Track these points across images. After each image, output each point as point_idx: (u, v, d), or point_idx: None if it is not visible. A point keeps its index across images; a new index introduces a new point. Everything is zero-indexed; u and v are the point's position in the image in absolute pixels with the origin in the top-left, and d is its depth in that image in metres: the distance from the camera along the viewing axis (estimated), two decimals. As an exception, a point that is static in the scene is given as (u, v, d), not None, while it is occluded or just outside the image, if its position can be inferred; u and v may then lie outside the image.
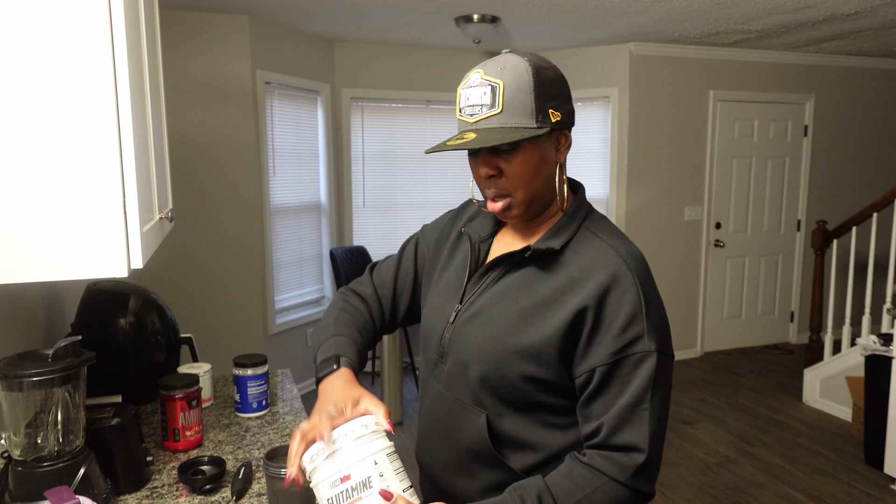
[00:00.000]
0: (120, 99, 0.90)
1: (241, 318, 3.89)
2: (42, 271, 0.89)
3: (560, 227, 0.99)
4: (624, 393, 0.89)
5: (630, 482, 0.89)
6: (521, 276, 0.98)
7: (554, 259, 0.97)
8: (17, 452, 1.06)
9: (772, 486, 3.05)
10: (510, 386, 0.95)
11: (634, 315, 0.90)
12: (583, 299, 0.91)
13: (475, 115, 0.92)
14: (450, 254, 1.13)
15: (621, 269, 0.92)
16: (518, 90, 0.91)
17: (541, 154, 0.94)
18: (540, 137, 0.93)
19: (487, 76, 0.92)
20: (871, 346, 3.16)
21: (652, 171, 4.78)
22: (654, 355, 0.90)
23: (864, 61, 5.20)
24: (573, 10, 3.66)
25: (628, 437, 0.89)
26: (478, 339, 0.98)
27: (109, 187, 0.90)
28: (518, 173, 0.94)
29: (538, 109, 0.91)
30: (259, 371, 1.61)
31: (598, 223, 1.01)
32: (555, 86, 0.94)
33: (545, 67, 0.94)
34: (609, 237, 0.98)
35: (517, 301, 0.96)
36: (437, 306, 1.08)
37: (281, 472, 1.06)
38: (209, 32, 3.65)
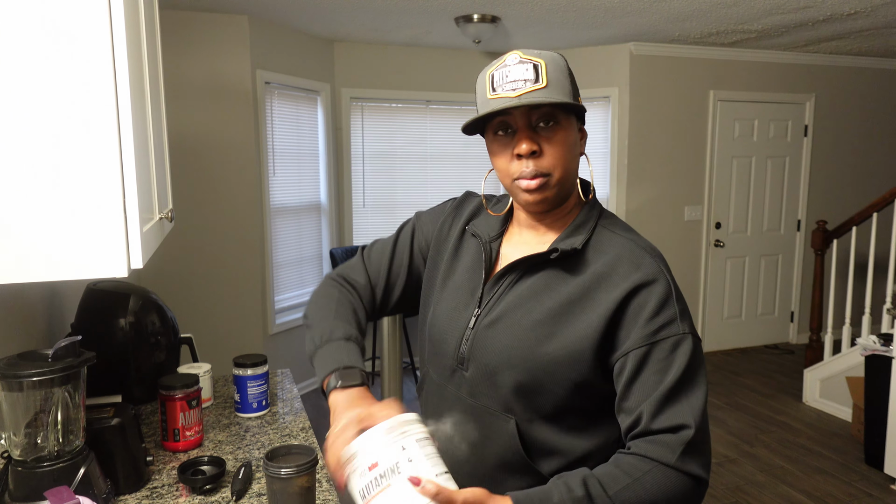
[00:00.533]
0: (120, 99, 0.90)
1: (241, 318, 3.89)
2: (42, 271, 0.89)
3: (578, 225, 0.99)
4: (665, 378, 0.87)
5: (680, 464, 0.84)
6: (543, 277, 0.97)
7: (576, 258, 0.96)
8: (17, 452, 1.06)
9: (772, 486, 3.05)
10: (551, 393, 0.93)
11: (665, 300, 0.90)
12: (615, 294, 0.90)
13: (518, 89, 0.90)
14: (455, 252, 1.10)
15: (645, 260, 0.93)
16: (558, 70, 0.92)
17: (574, 137, 0.96)
18: (573, 120, 0.96)
19: (527, 55, 0.92)
20: (871, 346, 3.16)
21: (652, 171, 4.78)
22: (690, 337, 0.89)
23: (864, 61, 5.20)
24: (573, 10, 3.66)
25: (673, 417, 0.85)
26: (505, 345, 0.95)
27: (109, 187, 0.90)
28: (558, 152, 0.93)
29: (574, 94, 0.94)
30: (259, 371, 1.61)
31: (611, 220, 1.02)
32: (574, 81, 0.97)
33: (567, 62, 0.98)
34: (626, 233, 0.99)
35: (542, 303, 0.95)
36: (451, 310, 1.04)
37: (281, 472, 1.06)
38: (209, 32, 3.65)
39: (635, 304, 0.90)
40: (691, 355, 0.88)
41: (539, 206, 0.97)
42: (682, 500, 0.85)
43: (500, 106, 0.90)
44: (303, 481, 1.08)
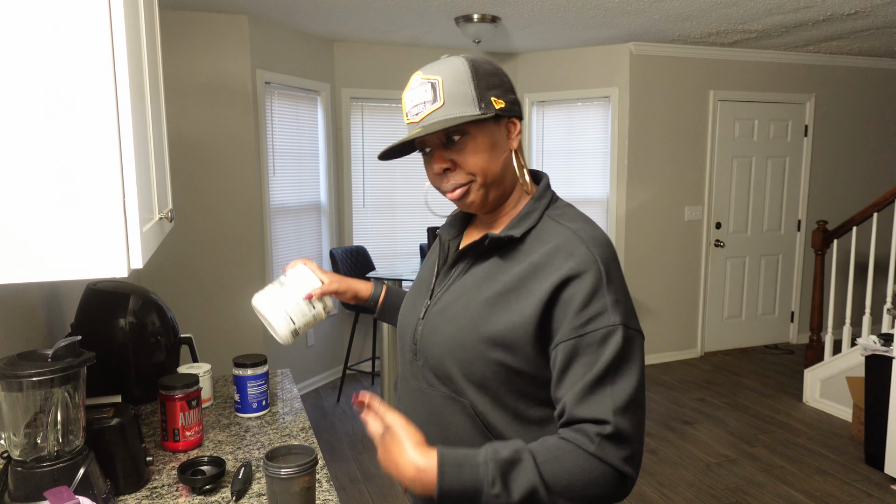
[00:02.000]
0: (120, 99, 0.90)
1: (241, 318, 3.89)
2: (42, 271, 0.89)
3: (522, 216, 1.01)
4: (590, 370, 0.88)
5: (600, 453, 0.85)
6: (486, 266, 1.00)
7: (516, 248, 0.99)
8: (17, 452, 1.06)
9: (772, 486, 3.05)
10: (482, 375, 0.96)
11: (596, 291, 0.90)
12: (546, 285, 0.92)
13: (420, 112, 0.96)
14: (428, 257, 1.18)
15: (581, 251, 0.93)
16: (457, 82, 0.95)
17: (490, 140, 0.97)
18: (486, 123, 0.96)
19: (426, 75, 0.97)
20: (872, 346, 3.16)
21: (652, 171, 4.78)
22: (620, 328, 0.89)
23: (864, 61, 5.20)
24: (573, 10, 3.66)
25: (593, 409, 0.87)
26: (447, 332, 0.99)
27: (109, 187, 0.90)
28: (471, 162, 0.97)
29: (480, 97, 0.95)
30: (259, 371, 1.61)
31: (560, 210, 1.02)
32: (494, 77, 0.98)
33: (483, 61, 0.99)
34: (571, 222, 0.98)
35: (481, 291, 0.98)
36: (409, 305, 1.11)
37: (281, 472, 1.06)
38: (209, 32, 3.65)
39: (566, 295, 0.91)
40: (620, 347, 0.88)
41: (475, 209, 1.02)
42: (603, 487, 0.86)
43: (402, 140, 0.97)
44: (303, 481, 1.08)
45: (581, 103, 4.85)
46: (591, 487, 0.86)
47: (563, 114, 4.92)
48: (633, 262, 4.81)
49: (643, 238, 4.82)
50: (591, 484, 0.86)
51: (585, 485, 0.85)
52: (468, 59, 0.97)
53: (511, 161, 1.00)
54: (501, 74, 0.99)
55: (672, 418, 3.87)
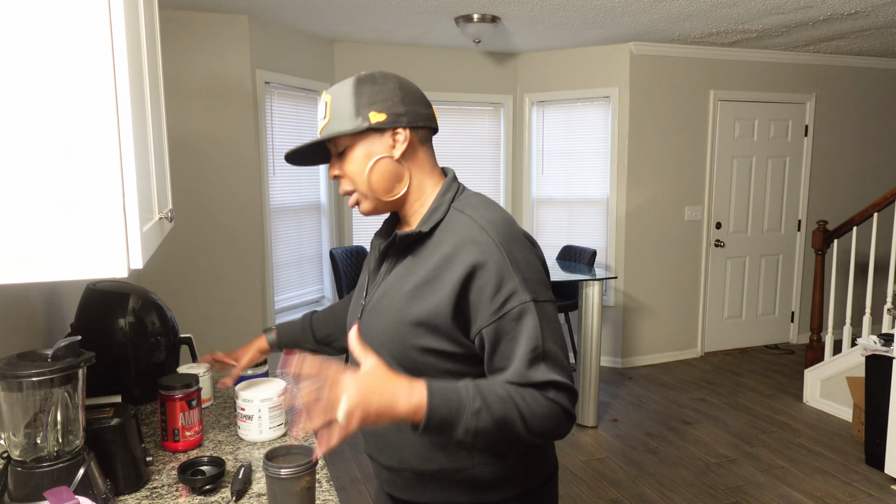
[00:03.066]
0: (120, 99, 0.90)
1: (241, 318, 3.89)
2: (42, 271, 0.89)
3: (431, 211, 1.10)
4: (518, 344, 0.99)
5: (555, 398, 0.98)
6: (406, 263, 1.10)
7: (427, 243, 1.08)
8: (17, 453, 1.06)
9: (772, 486, 3.05)
10: (414, 361, 1.04)
11: (503, 275, 1.00)
12: (459, 274, 1.01)
13: (318, 127, 1.11)
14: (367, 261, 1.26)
15: (482, 238, 1.02)
16: (340, 99, 1.08)
17: (366, 151, 1.08)
18: (366, 136, 1.07)
19: (326, 94, 1.11)
20: (872, 347, 3.16)
21: (652, 171, 4.78)
22: (532, 304, 1.00)
23: (864, 61, 5.20)
24: (573, 10, 3.66)
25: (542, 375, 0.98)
26: (378, 328, 1.09)
27: (109, 187, 0.90)
28: (350, 171, 1.09)
29: (356, 113, 1.06)
30: (259, 371, 1.61)
31: (465, 201, 1.11)
32: (378, 92, 1.07)
33: (371, 80, 1.08)
34: (472, 210, 1.08)
35: (403, 286, 1.07)
36: (353, 307, 1.22)
37: (281, 472, 1.06)
38: (209, 32, 3.65)
39: (477, 284, 1.00)
40: (538, 319, 1.00)
41: (372, 214, 1.13)
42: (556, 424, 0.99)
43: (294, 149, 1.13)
44: (303, 481, 1.08)
45: (581, 103, 4.85)
46: (549, 422, 0.98)
47: (562, 114, 4.92)
48: (633, 262, 4.81)
49: (643, 238, 4.82)
50: (547, 419, 0.98)
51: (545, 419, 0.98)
52: (356, 80, 1.08)
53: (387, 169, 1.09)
54: (390, 88, 1.08)
55: (672, 418, 3.87)
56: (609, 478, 3.14)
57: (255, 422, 1.45)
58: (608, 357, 4.95)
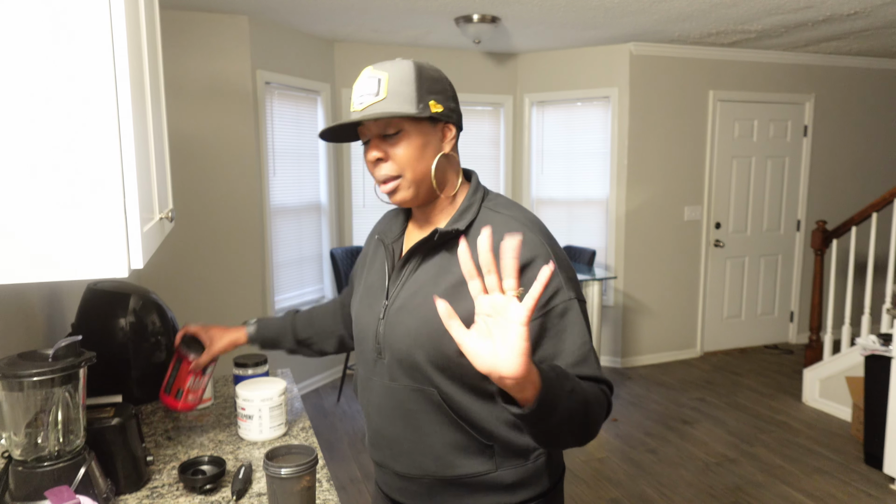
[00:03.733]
0: (120, 99, 0.90)
1: (241, 319, 3.89)
2: (42, 271, 0.89)
3: (463, 210, 1.08)
4: (564, 340, 0.99)
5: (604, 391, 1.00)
6: (436, 261, 1.06)
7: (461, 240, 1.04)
8: (18, 452, 1.07)
9: (772, 486, 3.05)
10: (451, 361, 1.01)
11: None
12: None
13: (363, 103, 1.03)
14: (370, 263, 1.22)
15: (528, 235, 1.02)
16: (401, 81, 1.02)
17: (423, 139, 1.04)
18: (421, 124, 1.03)
19: (375, 70, 1.04)
20: (871, 346, 3.16)
21: (652, 171, 4.78)
22: (576, 302, 1.01)
23: (864, 61, 5.21)
24: (573, 10, 3.66)
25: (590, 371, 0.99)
26: (412, 327, 1.04)
27: (109, 187, 0.90)
28: (402, 156, 1.03)
29: (419, 99, 1.02)
30: (259, 371, 1.61)
31: (494, 201, 1.11)
32: (437, 83, 1.05)
33: (429, 68, 1.06)
34: (507, 210, 1.08)
35: (437, 284, 1.04)
36: (366, 308, 1.15)
37: (281, 472, 1.06)
38: (209, 32, 3.65)
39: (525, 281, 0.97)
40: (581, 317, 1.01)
41: (404, 203, 1.08)
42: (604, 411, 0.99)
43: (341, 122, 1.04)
44: (303, 481, 1.08)
45: (581, 103, 4.85)
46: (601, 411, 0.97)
47: (562, 114, 4.92)
48: (632, 262, 4.82)
49: (643, 238, 4.82)
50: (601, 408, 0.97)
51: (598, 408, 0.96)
52: (415, 63, 1.04)
53: (442, 163, 1.07)
54: (445, 83, 1.06)
55: (672, 418, 3.88)
56: (609, 477, 3.15)
57: (256, 421, 1.45)
58: (608, 357, 4.96)
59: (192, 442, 1.47)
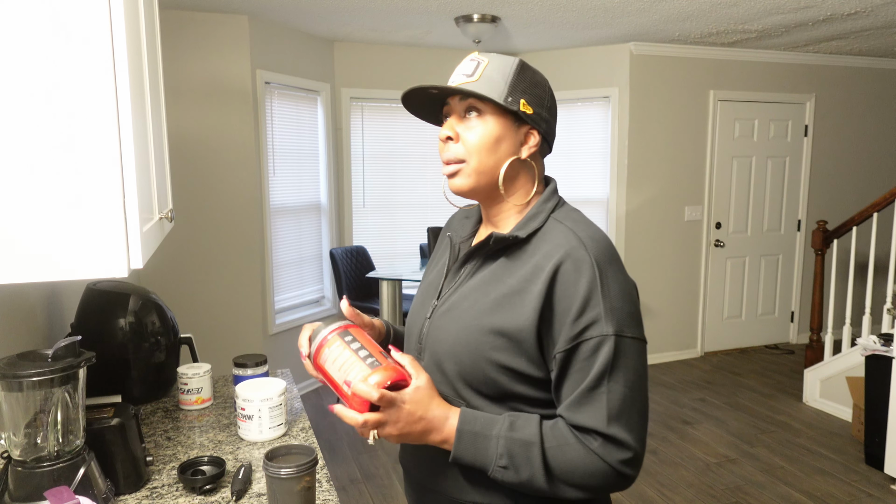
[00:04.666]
0: (120, 99, 0.90)
1: (241, 318, 3.89)
2: (42, 271, 0.89)
3: (530, 217, 1.01)
4: (584, 378, 0.90)
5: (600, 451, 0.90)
6: (493, 268, 1.00)
7: (521, 249, 0.99)
8: (17, 452, 1.06)
9: (772, 486, 3.05)
10: (485, 376, 0.96)
11: (590, 298, 0.91)
12: (543, 284, 0.92)
13: (454, 81, 1.00)
14: (436, 260, 1.17)
15: (578, 252, 0.93)
16: (498, 71, 0.98)
17: (501, 132, 0.98)
18: (504, 117, 0.98)
19: (479, 54, 1.00)
20: (872, 346, 3.16)
21: (652, 171, 4.78)
22: (612, 339, 0.90)
23: (864, 61, 5.20)
24: (573, 10, 3.66)
25: (584, 418, 0.90)
26: (451, 332, 0.99)
27: (109, 187, 0.90)
28: (472, 141, 0.98)
29: (510, 93, 0.97)
30: (259, 371, 1.61)
31: (566, 213, 1.02)
32: (537, 87, 0.99)
33: (535, 71, 1.01)
34: (573, 223, 0.99)
35: (488, 293, 0.98)
36: (418, 304, 1.11)
37: (281, 472, 1.06)
38: (209, 32, 3.65)
39: (563, 300, 0.92)
40: (612, 357, 0.90)
41: (461, 192, 1.02)
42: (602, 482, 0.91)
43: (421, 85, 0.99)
44: (303, 481, 1.08)
45: (581, 103, 4.85)
46: (590, 479, 0.91)
47: (563, 114, 4.92)
48: (633, 262, 4.81)
49: (643, 238, 4.82)
50: (590, 477, 0.90)
51: (585, 476, 0.90)
52: (521, 61, 1.00)
53: (515, 167, 1.01)
54: (546, 93, 1.01)
55: (672, 418, 3.87)
56: (609, 478, 3.14)
57: (255, 422, 1.45)
58: (608, 357, 4.95)
59: (191, 442, 1.47)
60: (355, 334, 0.96)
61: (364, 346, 0.94)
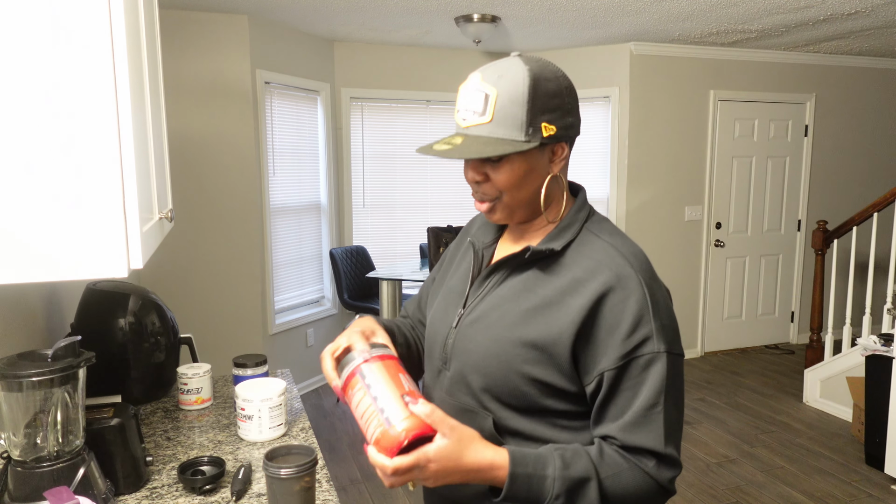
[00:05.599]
0: (120, 99, 0.90)
1: (241, 318, 3.89)
2: (42, 271, 0.89)
3: (562, 228, 0.98)
4: (637, 396, 0.89)
5: (655, 474, 0.90)
6: (523, 278, 0.97)
7: (555, 261, 0.96)
8: (17, 453, 1.06)
9: (772, 486, 3.05)
10: (514, 389, 0.93)
11: (641, 316, 0.89)
12: (587, 300, 0.90)
13: (466, 120, 0.93)
14: (458, 264, 1.13)
15: (625, 270, 0.91)
16: (511, 101, 0.89)
17: (529, 166, 0.93)
18: (529, 150, 0.92)
19: (484, 81, 0.91)
20: (872, 346, 3.16)
21: (652, 171, 4.78)
22: (664, 356, 0.89)
23: (864, 61, 5.20)
24: (573, 9, 3.66)
25: (641, 439, 0.89)
26: (481, 344, 0.96)
27: (109, 187, 0.90)
28: (503, 182, 0.94)
29: (529, 123, 0.90)
30: (259, 371, 1.61)
31: (599, 224, 1.00)
32: (554, 98, 0.91)
33: (547, 78, 0.91)
34: (610, 237, 0.97)
35: (519, 304, 0.95)
36: (441, 312, 1.07)
37: (281, 472, 1.06)
38: (209, 32, 3.65)
39: (609, 319, 0.89)
40: (665, 374, 0.89)
41: (501, 222, 1.00)
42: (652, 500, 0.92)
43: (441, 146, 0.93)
44: (303, 481, 1.07)
45: (581, 103, 4.84)
46: (643, 500, 0.91)
47: (563, 114, 4.91)
48: (633, 262, 4.81)
49: (643, 238, 4.82)
50: (643, 498, 0.91)
51: (638, 499, 0.90)
52: (532, 76, 0.90)
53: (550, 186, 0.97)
54: (564, 95, 0.92)
55: (672, 418, 3.87)
56: (609, 478, 3.14)
57: (255, 422, 1.45)
58: (608, 357, 4.95)
59: (191, 442, 1.46)
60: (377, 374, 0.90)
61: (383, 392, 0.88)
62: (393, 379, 0.90)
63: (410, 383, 0.92)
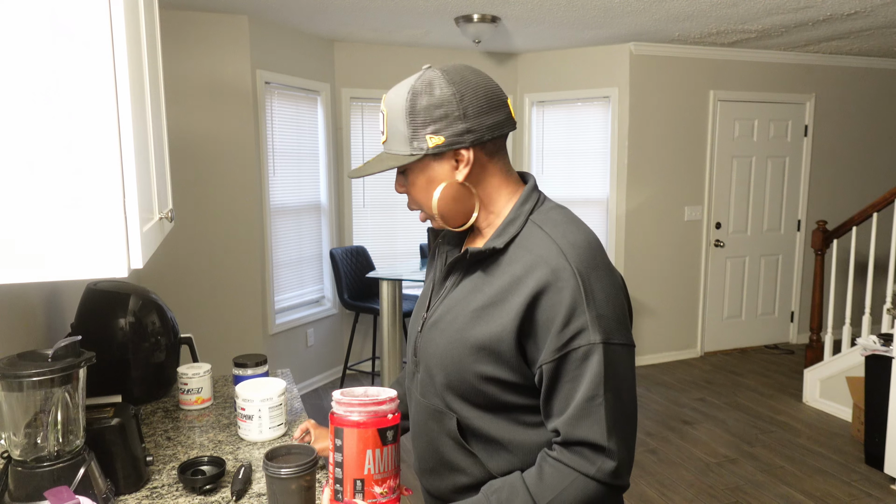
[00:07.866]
0: (120, 99, 0.90)
1: (241, 318, 3.89)
2: (42, 271, 0.89)
3: (506, 224, 0.99)
4: (577, 389, 0.89)
5: (598, 474, 0.88)
6: (474, 279, 0.99)
7: (499, 259, 0.97)
8: (17, 452, 1.06)
9: (772, 486, 3.05)
10: (472, 388, 0.96)
11: (574, 308, 0.88)
12: (525, 297, 0.91)
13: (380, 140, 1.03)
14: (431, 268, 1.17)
15: (560, 263, 0.90)
16: (395, 118, 0.96)
17: (427, 177, 0.98)
18: (423, 161, 0.96)
19: (383, 100, 1.00)
20: (872, 346, 3.16)
21: (652, 171, 4.78)
22: (601, 347, 0.88)
23: (864, 61, 5.20)
24: (573, 9, 3.66)
25: (585, 432, 0.88)
26: (439, 345, 0.99)
27: (109, 187, 0.90)
28: (413, 194, 1.01)
29: (412, 136, 0.95)
30: (259, 371, 1.61)
31: (545, 215, 0.99)
32: (437, 109, 0.93)
33: (428, 91, 0.94)
34: (552, 227, 0.96)
35: (469, 304, 0.97)
36: (414, 316, 1.13)
37: (281, 472, 1.06)
38: (209, 32, 3.65)
39: (544, 314, 0.90)
40: (603, 366, 0.88)
41: (441, 227, 1.04)
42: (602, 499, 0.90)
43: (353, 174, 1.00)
44: (303, 481, 1.08)
45: (581, 103, 4.85)
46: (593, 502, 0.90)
47: (563, 114, 4.92)
48: (633, 262, 4.82)
49: (643, 238, 4.82)
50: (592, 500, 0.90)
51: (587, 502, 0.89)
52: (411, 91, 0.94)
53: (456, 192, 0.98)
54: (452, 103, 0.93)
55: (672, 418, 3.87)
56: (609, 478, 3.14)
57: (255, 422, 1.45)
58: (608, 357, 4.95)
59: (191, 442, 1.47)
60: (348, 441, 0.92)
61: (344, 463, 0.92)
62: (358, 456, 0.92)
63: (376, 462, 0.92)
